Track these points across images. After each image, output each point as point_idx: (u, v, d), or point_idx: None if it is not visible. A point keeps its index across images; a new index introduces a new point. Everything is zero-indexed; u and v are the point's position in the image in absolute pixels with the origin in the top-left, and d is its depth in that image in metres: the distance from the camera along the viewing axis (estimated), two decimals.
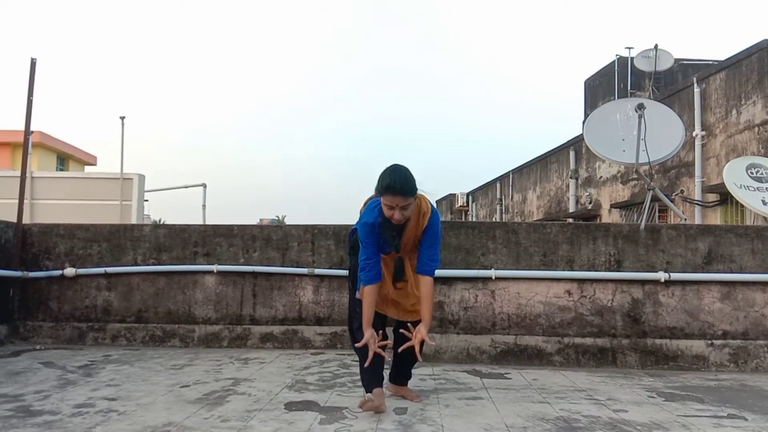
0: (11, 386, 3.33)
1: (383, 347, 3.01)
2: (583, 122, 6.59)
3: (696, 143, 9.95)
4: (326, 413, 2.86)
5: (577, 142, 14.76)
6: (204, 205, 13.77)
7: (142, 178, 9.37)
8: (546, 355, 4.33)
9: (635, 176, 5.56)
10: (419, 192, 2.97)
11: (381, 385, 2.99)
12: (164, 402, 3.04)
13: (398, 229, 2.99)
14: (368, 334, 2.94)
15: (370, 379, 2.98)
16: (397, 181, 2.83)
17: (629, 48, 15.46)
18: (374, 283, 2.97)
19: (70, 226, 5.04)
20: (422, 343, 2.97)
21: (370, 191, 3.24)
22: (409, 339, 3.01)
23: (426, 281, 3.01)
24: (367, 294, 2.96)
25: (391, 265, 3.12)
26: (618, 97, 14.73)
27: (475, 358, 4.34)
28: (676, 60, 14.15)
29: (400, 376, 3.28)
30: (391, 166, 2.93)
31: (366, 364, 2.93)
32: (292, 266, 4.83)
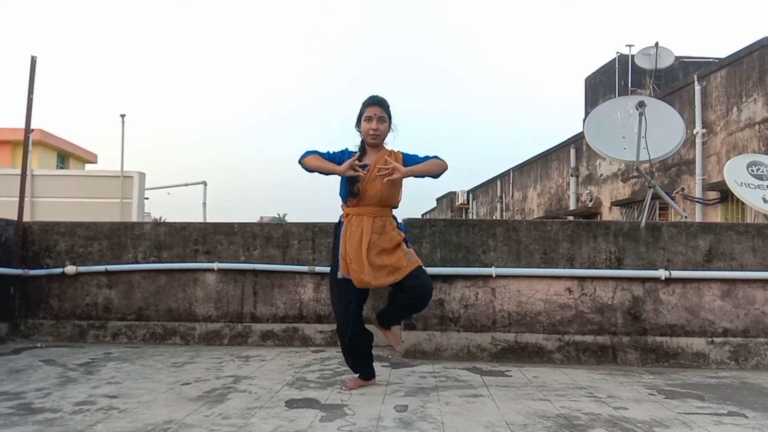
0: (12, 384, 3.33)
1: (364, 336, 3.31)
2: (584, 120, 6.59)
3: (697, 141, 9.94)
4: (327, 411, 2.87)
5: (577, 140, 14.76)
6: (204, 203, 13.78)
7: (142, 176, 9.38)
8: (546, 353, 4.33)
9: (636, 174, 5.55)
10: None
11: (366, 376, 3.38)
12: (165, 399, 3.04)
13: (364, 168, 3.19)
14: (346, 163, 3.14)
15: (355, 366, 3.36)
16: (376, 96, 3.31)
17: (630, 46, 15.44)
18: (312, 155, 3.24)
19: (71, 224, 5.05)
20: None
21: None
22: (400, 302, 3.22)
23: (432, 160, 3.26)
24: (312, 159, 3.23)
25: (367, 221, 3.16)
26: (619, 95, 14.71)
27: (476, 356, 4.34)
28: (677, 57, 14.12)
29: (390, 319, 3.37)
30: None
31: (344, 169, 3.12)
32: (293, 264, 4.84)
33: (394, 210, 3.34)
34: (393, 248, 3.17)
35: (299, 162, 3.27)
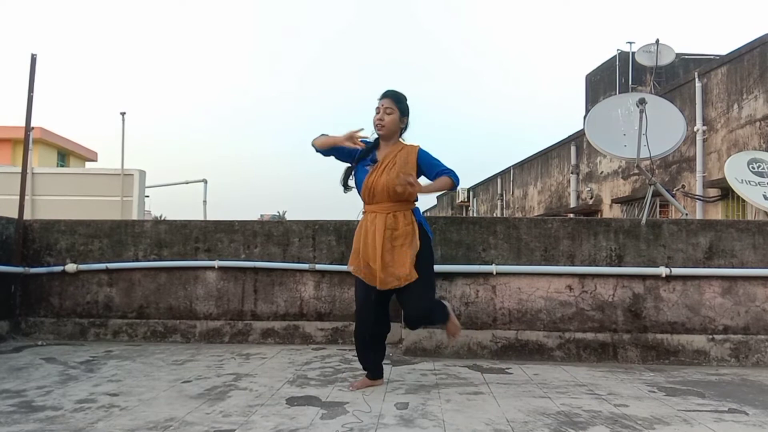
0: (13, 382, 3.34)
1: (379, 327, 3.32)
2: (584, 117, 6.58)
3: (697, 138, 9.93)
4: (328, 408, 2.87)
5: (578, 137, 14.74)
6: (205, 201, 13.76)
7: (142, 173, 9.37)
8: (547, 350, 4.33)
9: (636, 171, 5.55)
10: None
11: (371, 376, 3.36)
12: (166, 397, 3.04)
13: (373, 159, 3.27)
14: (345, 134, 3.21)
15: (365, 363, 3.37)
16: (388, 90, 3.32)
17: (630, 43, 15.44)
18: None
19: (71, 222, 5.05)
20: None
21: None
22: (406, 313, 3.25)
23: (444, 178, 3.21)
24: (320, 138, 3.30)
25: (380, 218, 3.16)
26: (619, 92, 14.71)
27: (476, 353, 4.35)
28: (678, 54, 14.10)
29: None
30: None
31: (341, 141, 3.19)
32: (293, 262, 4.84)
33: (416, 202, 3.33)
34: (406, 247, 3.14)
35: (311, 144, 3.32)
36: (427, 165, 3.25)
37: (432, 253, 3.33)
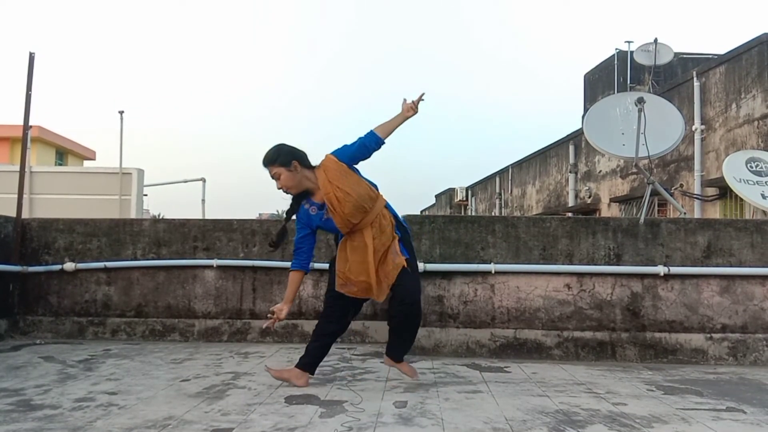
0: (11, 380, 3.33)
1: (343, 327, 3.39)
2: (583, 116, 6.58)
3: (695, 137, 9.94)
4: (326, 407, 2.87)
5: (576, 136, 14.75)
6: (203, 200, 13.76)
7: (141, 172, 9.36)
8: (545, 349, 4.34)
9: (635, 170, 5.56)
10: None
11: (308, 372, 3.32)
12: (164, 396, 3.04)
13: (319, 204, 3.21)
14: (279, 306, 3.27)
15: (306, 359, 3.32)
16: (263, 158, 3.23)
17: (629, 42, 15.42)
18: (299, 270, 3.29)
19: (70, 221, 5.04)
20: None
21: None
22: (398, 315, 3.24)
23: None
24: (292, 278, 3.31)
25: (380, 250, 3.16)
26: (618, 91, 14.70)
27: (475, 352, 4.35)
28: (676, 54, 14.10)
29: (395, 350, 3.37)
30: None
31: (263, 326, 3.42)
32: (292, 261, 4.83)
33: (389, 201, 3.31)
34: (388, 243, 3.17)
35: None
36: (351, 154, 3.19)
37: (411, 244, 3.35)
